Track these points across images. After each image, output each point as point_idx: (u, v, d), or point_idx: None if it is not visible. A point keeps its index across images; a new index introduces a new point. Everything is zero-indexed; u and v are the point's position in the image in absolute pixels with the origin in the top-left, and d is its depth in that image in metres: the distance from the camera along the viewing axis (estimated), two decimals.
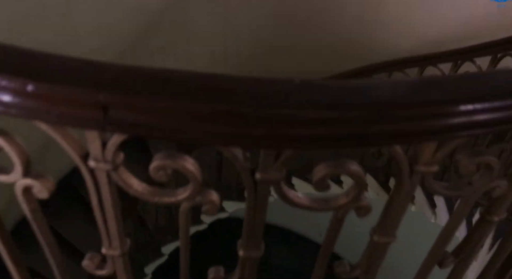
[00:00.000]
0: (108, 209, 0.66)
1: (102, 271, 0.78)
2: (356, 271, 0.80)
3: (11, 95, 0.51)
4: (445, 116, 0.53)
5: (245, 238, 0.70)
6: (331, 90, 0.53)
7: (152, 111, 0.51)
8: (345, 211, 0.66)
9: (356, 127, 0.52)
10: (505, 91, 0.56)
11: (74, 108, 0.51)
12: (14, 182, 0.63)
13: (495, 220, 0.78)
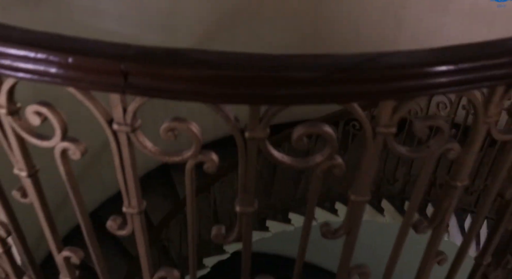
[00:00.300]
0: (127, 169, 0.81)
1: (123, 231, 0.92)
2: (339, 232, 0.92)
3: (56, 67, 0.67)
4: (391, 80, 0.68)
5: (240, 195, 0.83)
6: (304, 58, 0.67)
7: (162, 78, 0.67)
8: (322, 168, 0.79)
9: (321, 87, 0.66)
10: (453, 56, 0.69)
11: (102, 76, 0.67)
12: (54, 146, 0.79)
13: (458, 185, 0.90)
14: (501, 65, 0.70)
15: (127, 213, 0.88)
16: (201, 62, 0.66)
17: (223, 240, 0.91)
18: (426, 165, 0.85)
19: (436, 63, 0.68)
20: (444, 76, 0.69)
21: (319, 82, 0.66)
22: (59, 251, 1.02)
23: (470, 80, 0.70)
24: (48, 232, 0.99)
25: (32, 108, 0.75)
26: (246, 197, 0.83)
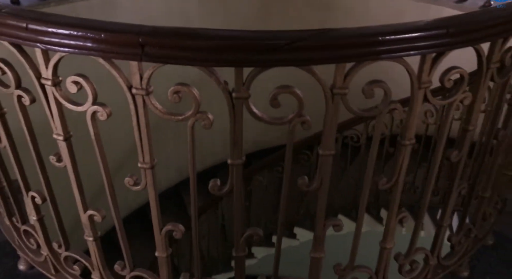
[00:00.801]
0: (142, 128, 1.04)
1: (138, 187, 1.13)
2: (313, 184, 1.13)
3: (91, 42, 0.91)
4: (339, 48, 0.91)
5: (231, 149, 1.05)
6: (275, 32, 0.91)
7: (169, 48, 0.90)
8: (294, 124, 1.02)
9: (287, 53, 0.89)
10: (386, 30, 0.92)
11: (125, 47, 0.90)
12: (86, 110, 1.02)
13: (406, 143, 1.11)
14: (429, 37, 0.94)
15: (141, 168, 1.10)
16: (199, 36, 0.90)
17: (218, 192, 1.12)
18: (377, 124, 1.07)
19: (372, 34, 0.91)
20: (379, 46, 0.92)
21: (285, 48, 0.89)
22: (85, 211, 1.23)
23: (400, 49, 0.94)
24: (77, 193, 1.21)
25: (72, 78, 0.98)
26: (236, 150, 1.05)
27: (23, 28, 0.94)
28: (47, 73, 1.01)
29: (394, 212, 1.25)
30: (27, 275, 1.63)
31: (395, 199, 1.22)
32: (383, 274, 1.37)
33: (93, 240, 1.29)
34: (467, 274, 1.65)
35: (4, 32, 0.96)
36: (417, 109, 1.06)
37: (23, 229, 1.47)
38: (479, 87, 1.12)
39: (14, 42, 0.98)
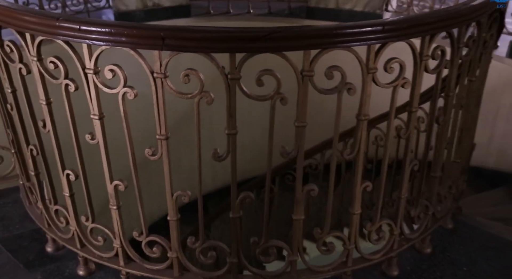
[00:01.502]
0: (160, 105, 1.36)
1: (155, 156, 1.44)
2: (292, 152, 1.44)
3: (125, 36, 1.25)
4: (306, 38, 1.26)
5: (227, 120, 1.37)
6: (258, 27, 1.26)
7: (185, 39, 1.25)
8: (274, 100, 1.34)
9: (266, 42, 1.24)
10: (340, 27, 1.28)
11: (150, 40, 1.25)
12: (118, 91, 1.35)
13: (362, 119, 1.44)
14: (370, 32, 1.29)
15: (158, 139, 1.41)
16: (203, 30, 1.25)
17: (218, 159, 1.43)
18: (337, 101, 1.39)
19: (330, 29, 1.26)
20: (334, 37, 1.27)
21: (265, 38, 1.23)
22: (111, 182, 1.53)
23: (350, 41, 1.28)
24: (105, 166, 1.52)
25: (108, 67, 1.32)
26: (231, 121, 1.37)
27: (77, 29, 1.28)
28: (90, 64, 1.34)
29: (358, 181, 1.55)
30: (54, 256, 1.90)
31: (358, 169, 1.53)
32: (354, 239, 1.64)
33: (116, 209, 1.58)
34: (430, 250, 1.92)
35: (61, 33, 1.31)
36: (368, 90, 1.40)
37: (55, 208, 1.75)
38: (415, 75, 1.46)
39: (68, 40, 1.33)
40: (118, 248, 1.65)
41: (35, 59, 1.43)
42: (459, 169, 2.02)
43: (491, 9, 1.66)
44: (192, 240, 1.58)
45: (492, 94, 4.27)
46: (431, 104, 1.63)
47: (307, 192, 1.51)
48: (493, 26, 1.79)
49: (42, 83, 1.48)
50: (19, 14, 1.40)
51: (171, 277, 1.64)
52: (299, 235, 1.58)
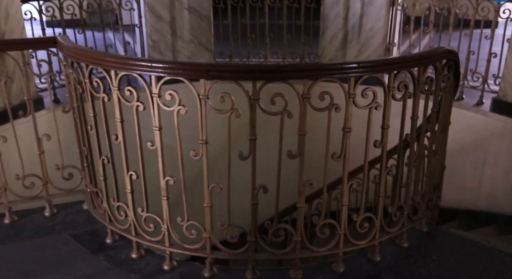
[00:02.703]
0: (203, 118, 1.90)
1: (197, 157, 1.97)
2: (295, 155, 1.95)
3: (181, 69, 1.83)
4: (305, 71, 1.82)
5: (250, 129, 1.91)
6: (270, 64, 1.82)
7: (222, 71, 1.82)
8: (283, 115, 1.88)
9: (276, 73, 1.80)
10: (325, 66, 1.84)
11: (198, 72, 1.82)
12: (174, 109, 1.91)
13: (346, 131, 1.96)
14: (348, 68, 1.85)
15: (200, 143, 1.94)
16: (235, 65, 1.82)
17: (242, 158, 1.95)
18: (328, 117, 1.93)
19: (320, 66, 1.83)
20: (324, 71, 1.83)
21: (276, 71, 1.80)
22: (164, 177, 2.05)
23: (335, 73, 1.84)
24: (160, 165, 2.04)
25: (168, 92, 1.89)
26: (253, 130, 1.91)
27: (149, 66, 1.87)
28: (156, 90, 1.91)
29: (345, 180, 2.05)
30: (112, 246, 2.38)
31: (345, 170, 2.03)
32: (344, 226, 2.11)
33: (166, 199, 2.09)
34: (407, 245, 2.37)
35: (137, 69, 1.89)
36: (350, 110, 1.93)
37: (117, 205, 2.27)
38: (385, 101, 2.00)
39: (141, 73, 1.91)
40: (165, 232, 2.14)
41: (116, 89, 2.01)
42: (431, 184, 2.49)
43: (445, 57, 2.22)
44: (221, 223, 2.07)
45: (480, 144, 4.77)
46: (401, 129, 2.15)
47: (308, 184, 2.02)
48: (450, 71, 2.33)
49: (119, 106, 2.05)
50: (107, 57, 2.01)
51: (204, 254, 2.12)
52: (301, 220, 2.06)
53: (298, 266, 2.14)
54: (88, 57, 2.09)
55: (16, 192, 2.59)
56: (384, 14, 4.85)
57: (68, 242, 2.42)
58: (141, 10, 5.02)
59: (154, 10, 4.88)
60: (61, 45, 2.27)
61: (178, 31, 5.03)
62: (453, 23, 4.56)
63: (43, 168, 2.61)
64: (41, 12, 4.43)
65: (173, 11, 4.95)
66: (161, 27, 4.98)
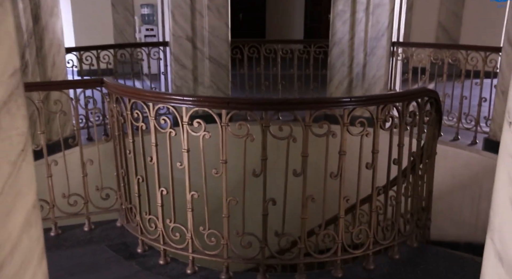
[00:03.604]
0: (224, 141, 2.29)
1: (218, 174, 2.34)
2: (298, 172, 2.31)
3: (208, 102, 2.24)
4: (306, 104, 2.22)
5: (262, 152, 2.28)
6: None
7: (240, 103, 2.22)
8: (289, 139, 2.26)
9: (283, 105, 2.20)
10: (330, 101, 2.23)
11: (220, 104, 2.23)
12: (200, 134, 2.30)
13: (342, 154, 2.32)
14: (339, 102, 2.24)
15: (221, 162, 2.32)
16: (250, 98, 2.23)
17: (255, 175, 2.32)
18: (326, 141, 2.30)
19: (319, 99, 2.22)
20: (323, 103, 2.23)
21: (283, 103, 2.20)
22: (190, 192, 2.42)
23: (332, 106, 2.23)
24: (187, 181, 2.41)
25: (196, 120, 2.29)
26: (264, 152, 2.28)
27: (181, 99, 2.28)
28: (186, 118, 2.32)
29: (341, 196, 2.39)
30: (142, 254, 2.72)
31: (341, 187, 2.38)
32: (342, 236, 2.43)
33: (191, 211, 2.44)
34: (398, 257, 2.66)
35: (171, 102, 2.31)
36: (345, 136, 2.30)
37: (148, 218, 2.62)
38: (374, 130, 2.37)
39: (174, 105, 2.32)
40: (189, 239, 2.48)
41: (153, 118, 2.42)
42: (420, 204, 2.81)
43: (426, 95, 2.61)
44: (236, 231, 2.41)
45: (475, 180, 5.06)
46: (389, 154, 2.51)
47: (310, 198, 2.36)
48: (432, 107, 2.71)
49: (155, 132, 2.45)
50: (146, 92, 2.43)
51: (222, 259, 2.44)
52: (305, 229, 2.39)
53: (302, 270, 2.45)
54: (130, 93, 2.52)
55: (61, 209, 2.97)
56: (385, 64, 5.29)
57: (105, 251, 2.76)
58: (167, 59, 5.54)
59: (178, 59, 5.39)
60: (108, 84, 2.72)
61: (199, 78, 5.51)
62: (447, 72, 4.98)
63: (85, 188, 2.99)
64: (81, 60, 4.97)
65: (196, 61, 5.45)
66: (184, 74, 5.47)
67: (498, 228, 1.09)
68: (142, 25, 9.55)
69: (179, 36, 5.30)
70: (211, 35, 5.37)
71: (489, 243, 1.12)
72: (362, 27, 5.21)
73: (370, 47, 5.26)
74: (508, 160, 1.01)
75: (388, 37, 5.17)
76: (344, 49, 5.39)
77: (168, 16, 5.37)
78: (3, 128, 0.85)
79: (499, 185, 1.08)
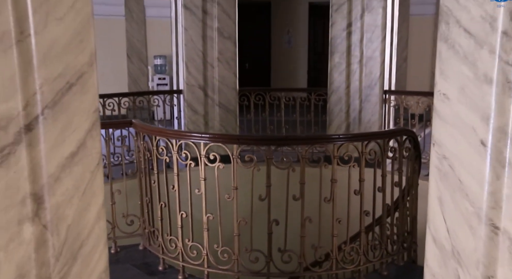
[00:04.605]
0: (235, 172, 2.75)
1: (229, 199, 2.79)
2: (297, 197, 2.76)
3: (221, 138, 2.72)
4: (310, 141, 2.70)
5: (266, 179, 2.74)
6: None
7: (248, 139, 2.70)
8: (289, 170, 2.72)
9: (282, 141, 2.68)
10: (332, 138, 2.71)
11: (231, 140, 2.71)
12: (215, 165, 2.77)
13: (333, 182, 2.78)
14: (332, 138, 2.72)
15: (232, 188, 2.77)
16: (256, 135, 2.71)
17: (261, 199, 2.76)
18: (320, 171, 2.77)
19: (313, 136, 2.70)
20: (316, 140, 2.71)
21: (284, 139, 2.68)
22: (206, 214, 2.86)
23: (324, 142, 2.71)
24: (203, 204, 2.86)
25: (212, 153, 2.77)
26: (268, 180, 2.74)
27: (199, 136, 2.77)
28: (203, 152, 2.79)
29: (334, 217, 2.82)
30: (163, 272, 3.12)
31: (334, 209, 2.81)
32: (336, 253, 2.84)
33: (207, 231, 2.87)
34: (386, 273, 3.05)
35: (191, 138, 2.79)
36: (335, 166, 2.76)
37: (169, 238, 3.04)
38: (360, 162, 2.83)
39: (194, 141, 2.81)
40: (205, 256, 2.89)
41: (175, 152, 2.89)
42: (404, 229, 3.23)
43: (404, 134, 3.08)
44: (245, 248, 2.83)
45: None
46: (373, 183, 2.95)
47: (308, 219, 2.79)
48: (410, 144, 3.17)
49: (177, 164, 2.92)
50: (169, 131, 2.92)
51: (233, 272, 2.85)
52: (304, 247, 2.81)
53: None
54: (156, 131, 3.02)
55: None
56: (379, 109, 5.80)
57: (130, 269, 3.17)
58: (181, 105, 6.10)
59: (191, 106, 5.93)
60: (136, 124, 3.22)
61: (210, 123, 6.04)
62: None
63: (113, 215, 3.43)
64: (104, 106, 5.52)
65: (207, 107, 6.00)
66: (196, 119, 6.00)
67: (432, 218, 1.50)
68: (154, 74, 10.22)
69: (192, 85, 5.87)
70: (221, 84, 5.94)
71: (427, 230, 1.53)
72: (356, 77, 5.78)
73: (364, 95, 5.80)
74: (434, 170, 1.44)
75: (380, 86, 5.72)
76: (342, 97, 5.93)
77: (183, 67, 5.97)
78: (87, 148, 1.29)
79: (431, 189, 1.50)
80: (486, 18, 1.10)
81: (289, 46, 12.31)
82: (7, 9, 0.88)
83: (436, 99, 1.34)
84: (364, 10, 5.72)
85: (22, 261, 0.98)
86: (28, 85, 0.94)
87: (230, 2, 5.85)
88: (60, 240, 1.08)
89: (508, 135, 1.08)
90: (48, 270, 1.03)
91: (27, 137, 0.96)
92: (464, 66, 1.17)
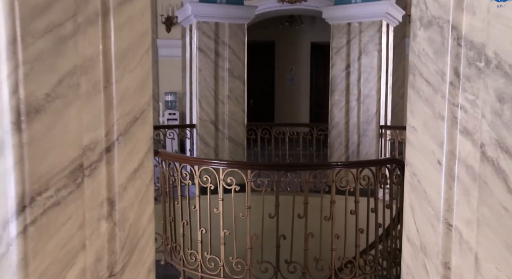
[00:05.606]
0: (248, 194, 3.24)
1: (244, 217, 3.27)
2: (301, 215, 3.23)
3: (238, 165, 3.23)
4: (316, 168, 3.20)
5: (275, 202, 3.22)
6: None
7: (261, 166, 3.21)
8: (294, 194, 3.21)
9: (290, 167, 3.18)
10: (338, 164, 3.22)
11: (246, 166, 3.21)
12: (232, 187, 3.26)
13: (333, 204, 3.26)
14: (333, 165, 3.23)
15: (246, 208, 3.25)
16: (266, 163, 3.22)
17: (270, 217, 3.24)
18: (321, 197, 3.26)
19: (320, 164, 3.21)
20: (317, 166, 3.21)
21: (290, 166, 3.18)
22: (222, 230, 3.33)
23: (323, 168, 3.21)
24: (221, 221, 3.33)
25: (229, 177, 3.27)
26: (276, 200, 3.22)
27: (218, 162, 3.27)
28: (222, 176, 3.29)
29: (333, 233, 3.29)
30: None
31: (333, 227, 3.28)
32: (334, 265, 3.29)
33: (223, 245, 3.33)
34: None
35: (211, 164, 3.30)
36: (333, 190, 3.25)
37: (190, 252, 3.50)
38: (355, 185, 3.32)
39: (214, 167, 3.31)
40: (221, 267, 3.34)
41: (197, 176, 3.39)
42: (394, 247, 3.68)
43: (393, 163, 3.58)
44: (257, 260, 3.29)
45: None
46: (367, 205, 3.43)
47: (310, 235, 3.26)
48: (400, 171, 3.66)
49: (198, 187, 3.41)
50: (192, 158, 3.44)
51: None
52: (307, 259, 3.26)
53: None
54: (181, 159, 3.53)
55: None
56: (375, 143, 6.32)
57: None
58: (193, 138, 6.63)
59: (203, 139, 6.46)
60: (162, 153, 3.73)
61: (220, 154, 6.55)
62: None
63: None
64: None
65: (217, 140, 6.53)
66: (208, 151, 6.51)
67: (406, 222, 1.94)
68: (165, 110, 10.79)
69: (204, 120, 6.42)
70: (230, 119, 6.49)
71: (403, 232, 1.97)
72: (355, 114, 6.32)
73: (362, 130, 6.32)
74: (407, 184, 1.91)
75: (377, 121, 6.26)
76: (341, 131, 6.46)
77: (196, 104, 6.53)
78: (145, 167, 1.73)
79: (405, 199, 1.92)
80: (439, 72, 1.51)
81: (292, 84, 12.84)
82: (99, 65, 1.27)
83: (408, 131, 1.77)
84: (361, 53, 6.33)
85: (99, 248, 1.32)
86: (109, 119, 1.30)
87: (240, 45, 6.47)
88: (124, 235, 1.42)
89: (456, 156, 1.46)
90: (115, 257, 1.37)
91: (106, 156, 1.30)
92: (426, 106, 1.57)
